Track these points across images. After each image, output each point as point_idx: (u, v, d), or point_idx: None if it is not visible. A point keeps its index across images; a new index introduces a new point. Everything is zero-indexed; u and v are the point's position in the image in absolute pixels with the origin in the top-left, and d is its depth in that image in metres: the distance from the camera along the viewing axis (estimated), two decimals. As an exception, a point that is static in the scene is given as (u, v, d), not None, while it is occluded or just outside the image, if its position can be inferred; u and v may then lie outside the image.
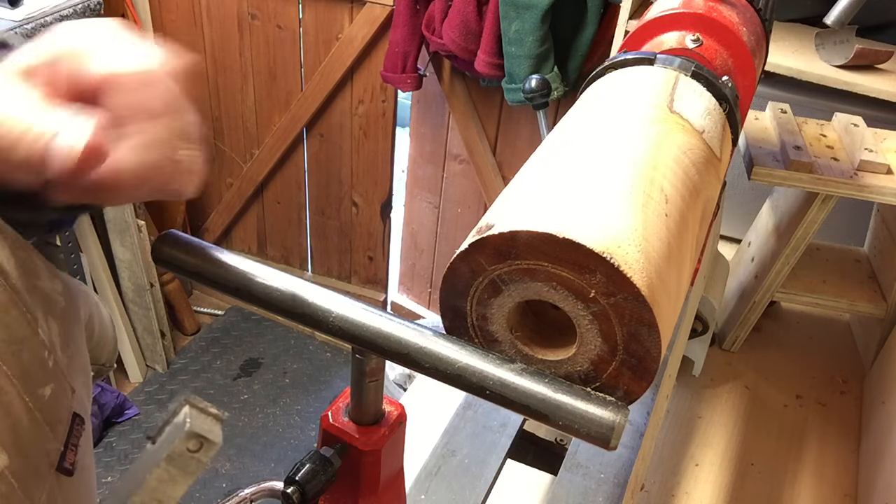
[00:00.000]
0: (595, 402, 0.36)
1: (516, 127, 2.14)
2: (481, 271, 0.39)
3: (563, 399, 0.37)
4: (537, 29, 1.71)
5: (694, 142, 0.48)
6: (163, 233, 0.47)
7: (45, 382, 0.37)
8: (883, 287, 1.14)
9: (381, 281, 2.64)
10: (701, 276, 0.87)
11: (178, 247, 0.46)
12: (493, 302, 0.40)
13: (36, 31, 1.67)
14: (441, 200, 2.41)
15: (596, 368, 0.39)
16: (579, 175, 0.41)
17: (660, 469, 0.99)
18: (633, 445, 0.66)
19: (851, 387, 1.17)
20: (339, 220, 2.58)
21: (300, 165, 2.51)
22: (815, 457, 1.05)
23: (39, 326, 0.37)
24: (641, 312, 0.36)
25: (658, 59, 0.55)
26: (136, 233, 2.27)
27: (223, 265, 0.45)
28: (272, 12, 2.23)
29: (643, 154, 0.43)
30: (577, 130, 0.47)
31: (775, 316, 1.28)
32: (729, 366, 1.17)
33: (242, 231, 2.76)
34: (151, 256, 0.48)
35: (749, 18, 0.68)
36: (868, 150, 1.01)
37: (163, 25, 2.39)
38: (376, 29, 2.10)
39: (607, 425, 0.36)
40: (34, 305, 0.37)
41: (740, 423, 1.08)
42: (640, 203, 0.39)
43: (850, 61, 1.39)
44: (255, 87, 2.40)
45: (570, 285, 0.37)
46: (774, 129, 1.08)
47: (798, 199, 1.09)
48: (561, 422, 0.37)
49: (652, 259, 0.37)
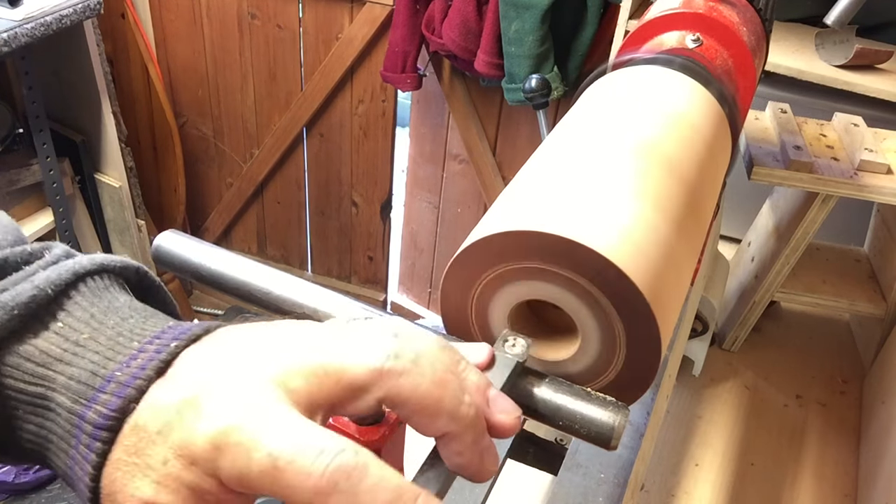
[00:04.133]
0: (595, 402, 0.36)
1: (516, 127, 2.13)
2: (482, 271, 0.39)
3: (563, 399, 0.37)
4: (537, 29, 1.71)
5: (694, 142, 0.48)
6: (163, 233, 0.47)
7: None
8: (883, 287, 1.14)
9: (381, 281, 2.64)
10: (701, 276, 0.87)
11: (178, 247, 0.46)
12: (494, 302, 0.40)
13: (36, 31, 1.67)
14: (441, 200, 2.41)
15: (596, 368, 0.39)
16: (579, 175, 0.41)
17: (660, 469, 0.99)
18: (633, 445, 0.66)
19: (851, 387, 1.17)
20: (338, 220, 2.58)
21: (300, 165, 2.51)
22: (815, 457, 1.05)
23: None
24: (641, 312, 0.36)
25: (658, 58, 0.55)
26: (136, 233, 2.27)
27: (223, 265, 0.45)
28: (272, 12, 2.23)
29: (643, 155, 0.43)
30: (577, 130, 0.47)
31: (775, 316, 1.28)
32: (729, 366, 1.17)
33: (242, 231, 2.76)
34: (151, 256, 0.48)
35: (749, 18, 0.68)
36: (868, 150, 1.01)
37: (163, 25, 2.39)
38: (376, 29, 2.10)
39: (608, 426, 0.35)
40: None
41: (740, 423, 1.08)
42: (640, 203, 0.39)
43: (850, 61, 1.39)
44: (255, 86, 2.40)
45: (571, 285, 0.37)
46: (774, 129, 1.08)
47: (798, 199, 1.08)
48: (561, 422, 0.37)
49: (652, 259, 0.37)
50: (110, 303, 0.35)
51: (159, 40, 2.42)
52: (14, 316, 0.32)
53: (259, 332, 0.32)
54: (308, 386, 0.30)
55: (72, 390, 0.31)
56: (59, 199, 2.03)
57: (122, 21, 2.25)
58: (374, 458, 0.28)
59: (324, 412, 0.30)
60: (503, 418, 0.33)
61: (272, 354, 0.31)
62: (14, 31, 1.62)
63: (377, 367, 0.30)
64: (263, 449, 0.28)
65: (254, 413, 0.28)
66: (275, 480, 0.27)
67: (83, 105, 2.08)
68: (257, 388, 0.29)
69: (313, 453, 0.27)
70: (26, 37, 1.65)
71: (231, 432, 0.28)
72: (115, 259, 0.37)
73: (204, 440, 0.28)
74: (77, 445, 0.31)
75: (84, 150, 2.14)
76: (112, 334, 0.33)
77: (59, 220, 2.05)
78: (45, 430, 0.32)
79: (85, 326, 0.33)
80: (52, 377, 0.32)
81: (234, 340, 0.32)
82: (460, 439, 0.31)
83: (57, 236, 2.08)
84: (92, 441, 0.30)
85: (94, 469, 0.30)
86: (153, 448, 0.29)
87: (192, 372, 0.31)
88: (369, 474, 0.27)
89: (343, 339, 0.31)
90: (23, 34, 1.64)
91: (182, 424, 0.29)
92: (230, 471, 0.28)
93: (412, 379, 0.30)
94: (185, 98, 2.52)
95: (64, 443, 0.31)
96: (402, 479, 0.28)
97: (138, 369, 0.31)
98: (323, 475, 0.27)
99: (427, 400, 0.30)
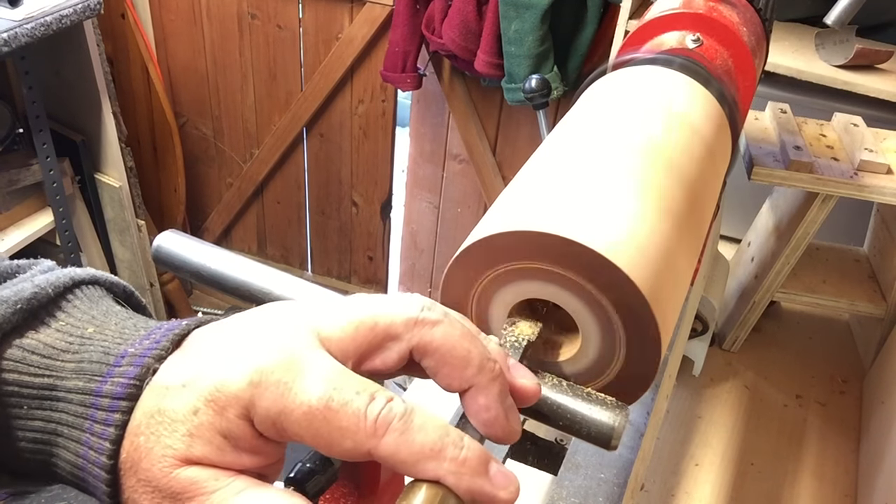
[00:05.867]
0: (595, 402, 0.36)
1: (516, 127, 2.13)
2: (482, 271, 0.39)
3: (564, 399, 0.37)
4: (537, 28, 1.71)
5: (694, 142, 0.48)
6: (163, 232, 0.47)
7: None
8: (883, 287, 1.14)
9: (381, 281, 2.64)
10: (701, 276, 0.87)
11: (178, 247, 0.46)
12: (495, 302, 0.40)
13: (36, 31, 1.67)
14: (441, 200, 2.41)
15: (596, 368, 0.39)
16: (579, 175, 0.41)
17: (660, 469, 0.99)
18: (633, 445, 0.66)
19: (851, 387, 1.16)
20: (338, 220, 2.58)
21: (300, 165, 2.51)
22: (815, 457, 1.05)
23: None
24: (642, 312, 0.36)
25: (658, 59, 0.55)
26: (136, 232, 2.27)
27: (223, 265, 0.45)
28: (272, 12, 2.23)
29: (643, 155, 0.43)
30: (577, 131, 0.47)
31: (775, 316, 1.28)
32: (729, 366, 1.17)
33: (242, 231, 2.76)
34: (151, 256, 0.48)
35: (749, 18, 0.68)
36: (868, 150, 1.01)
37: (163, 25, 2.39)
38: (376, 28, 2.10)
39: (608, 426, 0.35)
40: None
41: (740, 423, 1.08)
42: (640, 203, 0.39)
43: (850, 61, 1.39)
44: (255, 86, 2.40)
45: (571, 285, 0.37)
46: (774, 129, 1.08)
47: (798, 199, 1.08)
48: (561, 422, 0.37)
49: (652, 259, 0.37)
50: (108, 307, 0.35)
51: (159, 40, 2.42)
52: (17, 310, 0.32)
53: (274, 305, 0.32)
54: (342, 334, 0.30)
55: (83, 372, 0.31)
56: (59, 199, 2.03)
57: (122, 21, 2.25)
58: (414, 403, 0.29)
59: (352, 364, 0.31)
60: (525, 382, 0.34)
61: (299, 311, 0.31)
62: (14, 31, 1.62)
63: (413, 315, 0.31)
64: (312, 391, 0.27)
65: (295, 354, 0.28)
66: (324, 422, 0.27)
67: (83, 105, 2.08)
68: (294, 331, 0.29)
69: (366, 396, 0.28)
70: (26, 37, 1.65)
71: (272, 371, 0.28)
72: (105, 275, 0.37)
73: (240, 378, 0.28)
74: (91, 427, 0.30)
75: (84, 150, 2.14)
76: (116, 329, 0.33)
77: (59, 220, 2.05)
78: (52, 422, 0.31)
79: (87, 324, 0.33)
80: (60, 366, 0.31)
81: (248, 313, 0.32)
82: (487, 391, 0.32)
83: (57, 236, 2.08)
84: (109, 415, 0.29)
85: (112, 444, 0.29)
86: (180, 400, 0.28)
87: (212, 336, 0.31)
88: (417, 414, 0.28)
89: (372, 297, 0.32)
90: (23, 34, 1.64)
91: (213, 370, 0.28)
92: (266, 411, 0.27)
93: (444, 328, 0.31)
94: (185, 98, 2.52)
95: (75, 430, 0.30)
96: (444, 420, 0.29)
97: (153, 343, 0.31)
98: (377, 417, 0.27)
99: (457, 349, 0.31)
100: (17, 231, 2.00)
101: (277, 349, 0.28)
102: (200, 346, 0.30)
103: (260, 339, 0.29)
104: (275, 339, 0.29)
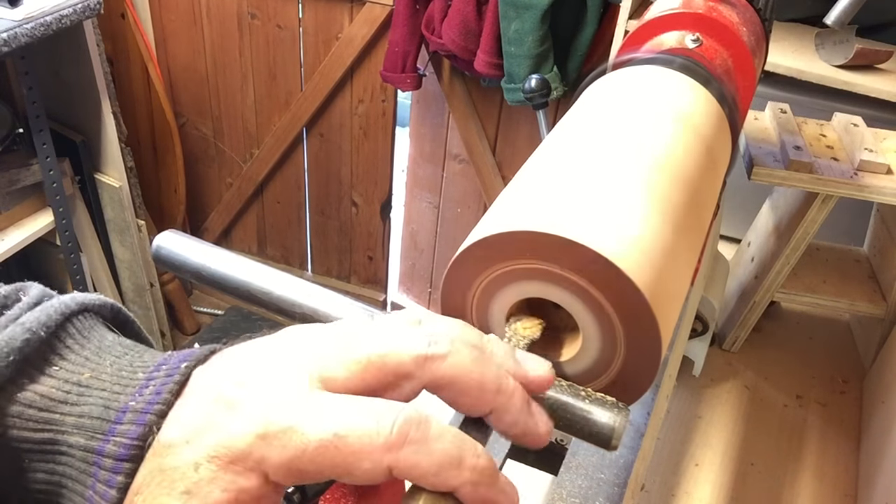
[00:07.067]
0: (595, 402, 0.36)
1: (516, 127, 2.13)
2: (482, 271, 0.39)
3: (564, 399, 0.37)
4: (537, 29, 1.71)
5: (694, 142, 0.48)
6: (163, 232, 0.47)
7: None
8: (883, 287, 1.14)
9: (381, 281, 2.64)
10: (701, 276, 0.87)
11: (178, 247, 0.46)
12: (494, 302, 0.40)
13: (36, 31, 1.67)
14: (441, 200, 2.41)
15: (596, 368, 0.39)
16: (579, 175, 0.41)
17: (660, 469, 0.99)
18: (633, 446, 0.66)
19: (851, 387, 1.16)
20: (338, 220, 2.58)
21: (300, 165, 2.51)
22: (815, 457, 1.05)
23: None
24: (642, 313, 0.36)
25: (658, 58, 0.55)
26: (136, 232, 2.27)
27: (223, 265, 0.45)
28: (272, 12, 2.23)
29: (643, 155, 0.43)
30: (576, 131, 0.47)
31: (775, 316, 1.28)
32: (729, 366, 1.17)
33: (242, 231, 2.76)
34: (151, 256, 0.48)
35: (749, 18, 0.68)
36: (868, 150, 1.01)
37: (163, 25, 2.39)
38: (376, 29, 2.10)
39: (608, 426, 0.35)
40: None
41: (740, 423, 1.08)
42: (640, 203, 0.39)
43: (850, 61, 1.39)
44: (255, 86, 2.40)
45: (570, 285, 0.37)
46: (774, 129, 1.08)
47: (798, 199, 1.08)
48: (561, 422, 0.37)
49: (653, 259, 0.37)
50: (100, 342, 0.34)
51: (159, 40, 2.42)
52: (10, 362, 0.31)
53: (274, 339, 0.31)
54: (348, 374, 0.29)
55: (84, 428, 0.30)
56: (59, 199, 2.03)
57: (122, 21, 2.25)
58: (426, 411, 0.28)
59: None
60: (538, 372, 0.34)
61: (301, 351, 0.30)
62: (14, 31, 1.62)
63: (421, 353, 0.30)
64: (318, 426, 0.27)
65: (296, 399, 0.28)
66: (338, 451, 0.27)
67: (83, 105, 2.08)
68: (294, 378, 0.29)
69: (374, 416, 0.27)
70: (26, 37, 1.65)
71: (277, 421, 0.27)
72: (93, 297, 0.36)
73: (247, 434, 0.27)
74: (94, 485, 0.29)
75: (84, 150, 2.14)
76: (113, 371, 0.32)
77: (59, 220, 2.05)
78: (56, 475, 0.31)
79: (82, 367, 0.32)
80: (59, 420, 0.31)
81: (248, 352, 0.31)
82: (509, 409, 0.31)
83: (57, 236, 2.08)
84: (112, 476, 0.29)
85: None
86: (180, 458, 0.28)
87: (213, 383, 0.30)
88: (433, 422, 0.28)
89: (373, 330, 0.31)
90: (23, 34, 1.64)
91: (216, 426, 0.28)
92: (279, 459, 0.27)
93: (453, 360, 0.30)
94: (185, 98, 2.52)
95: (79, 484, 0.30)
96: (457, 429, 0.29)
97: (153, 395, 0.30)
98: (392, 431, 0.27)
99: (471, 379, 0.30)
100: (17, 231, 2.00)
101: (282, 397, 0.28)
102: (202, 395, 0.30)
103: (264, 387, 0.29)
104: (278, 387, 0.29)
